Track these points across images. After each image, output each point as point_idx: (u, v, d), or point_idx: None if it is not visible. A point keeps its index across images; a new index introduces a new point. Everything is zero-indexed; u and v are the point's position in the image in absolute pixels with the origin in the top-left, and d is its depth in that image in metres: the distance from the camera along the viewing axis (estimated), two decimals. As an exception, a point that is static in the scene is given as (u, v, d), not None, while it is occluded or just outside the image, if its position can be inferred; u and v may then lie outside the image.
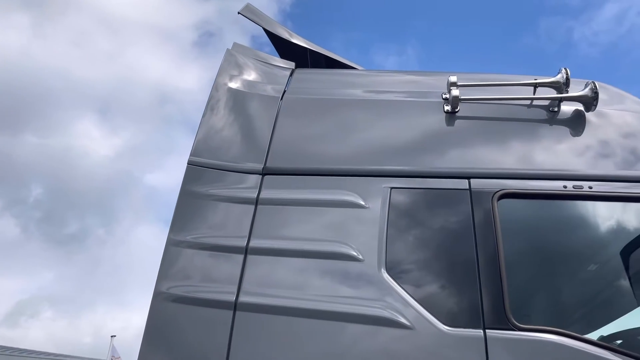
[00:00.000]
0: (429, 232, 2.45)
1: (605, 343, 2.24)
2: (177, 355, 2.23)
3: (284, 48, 3.53)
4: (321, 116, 2.86)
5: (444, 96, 2.83)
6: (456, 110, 2.77)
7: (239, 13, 3.42)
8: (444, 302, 2.26)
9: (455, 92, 2.73)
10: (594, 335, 2.97)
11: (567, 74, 2.74)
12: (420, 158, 2.66)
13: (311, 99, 2.95)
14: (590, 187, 2.51)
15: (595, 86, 2.67)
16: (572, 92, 2.73)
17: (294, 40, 3.46)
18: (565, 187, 2.51)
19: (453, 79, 2.76)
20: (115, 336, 18.26)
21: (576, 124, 2.74)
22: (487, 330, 2.16)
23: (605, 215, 2.76)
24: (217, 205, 2.57)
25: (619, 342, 2.68)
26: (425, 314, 2.21)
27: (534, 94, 2.79)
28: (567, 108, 2.78)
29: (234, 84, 2.95)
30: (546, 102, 2.79)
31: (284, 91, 2.95)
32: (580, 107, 2.76)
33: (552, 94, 2.78)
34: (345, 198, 2.55)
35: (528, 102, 2.81)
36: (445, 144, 2.70)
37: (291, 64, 3.20)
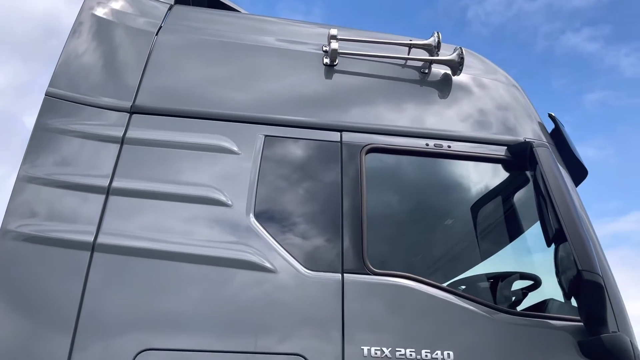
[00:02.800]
0: (299, 180, 2.50)
1: (451, 288, 2.47)
2: (24, 299, 2.09)
3: None
4: (199, 57, 2.75)
5: (324, 48, 2.85)
6: (335, 63, 2.81)
7: None
8: (308, 247, 2.34)
9: (334, 45, 2.76)
10: (443, 282, 3.28)
11: (439, 37, 2.87)
12: (297, 108, 2.68)
13: (189, 38, 2.82)
14: (449, 146, 2.70)
15: (462, 52, 2.84)
16: (442, 56, 2.88)
17: None
18: (427, 144, 2.68)
19: (333, 32, 2.78)
20: None
21: (444, 86, 2.90)
22: (345, 274, 2.29)
23: (461, 174, 3.00)
24: (77, 142, 2.40)
25: (463, 287, 2.98)
26: (289, 258, 2.29)
27: (409, 54, 2.91)
28: (437, 71, 2.93)
29: (102, 11, 2.72)
30: (419, 64, 2.92)
31: (160, 27, 2.78)
32: (449, 71, 2.92)
33: (425, 56, 2.92)
34: (218, 143, 2.51)
35: (402, 61, 2.92)
36: (321, 96, 2.74)
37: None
